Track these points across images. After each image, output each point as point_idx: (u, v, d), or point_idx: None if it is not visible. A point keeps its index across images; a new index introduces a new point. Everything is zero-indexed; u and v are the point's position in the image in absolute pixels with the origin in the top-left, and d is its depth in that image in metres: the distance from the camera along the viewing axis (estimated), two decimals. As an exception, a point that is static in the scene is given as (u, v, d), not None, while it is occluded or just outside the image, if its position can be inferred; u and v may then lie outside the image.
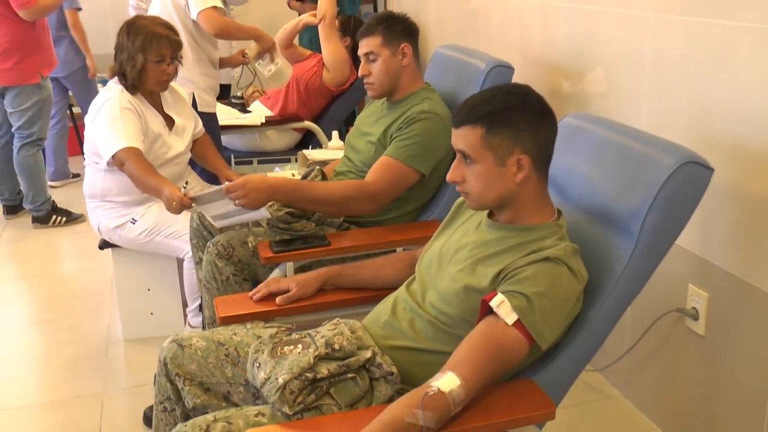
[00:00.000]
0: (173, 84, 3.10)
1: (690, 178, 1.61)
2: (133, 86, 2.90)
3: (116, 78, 2.92)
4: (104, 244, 3.16)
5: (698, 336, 2.25)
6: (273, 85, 4.07)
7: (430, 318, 1.70)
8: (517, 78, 2.67)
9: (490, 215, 1.74)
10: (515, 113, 1.63)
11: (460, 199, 1.86)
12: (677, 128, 2.23)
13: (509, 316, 1.50)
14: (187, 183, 2.95)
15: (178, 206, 2.53)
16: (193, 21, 3.46)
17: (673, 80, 2.25)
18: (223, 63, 3.83)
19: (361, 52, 2.57)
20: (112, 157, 2.79)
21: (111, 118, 2.81)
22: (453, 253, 1.73)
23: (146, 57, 2.85)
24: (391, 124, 2.51)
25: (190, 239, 2.76)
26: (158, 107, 3.00)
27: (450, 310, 1.66)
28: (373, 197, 2.42)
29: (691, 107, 2.18)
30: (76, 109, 5.91)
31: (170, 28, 2.96)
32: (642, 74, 2.38)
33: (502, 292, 1.53)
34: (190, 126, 3.12)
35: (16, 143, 4.52)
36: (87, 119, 2.97)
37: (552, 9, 2.86)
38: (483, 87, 2.58)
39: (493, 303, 1.51)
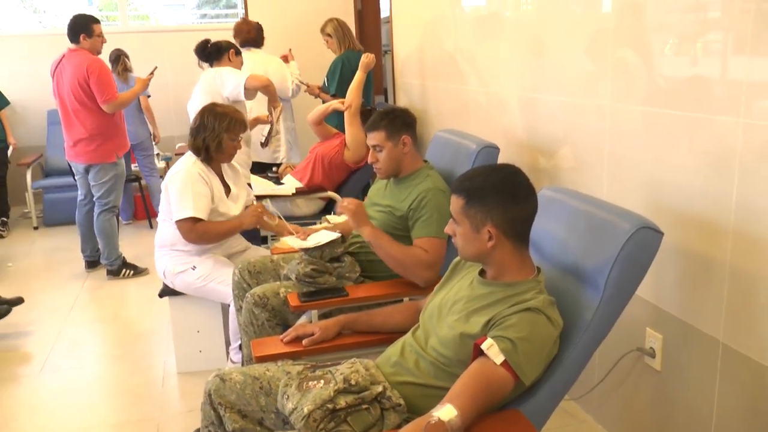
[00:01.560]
0: None
1: (644, 240, 1.60)
2: (209, 158, 2.94)
3: (190, 150, 2.97)
4: (163, 293, 3.14)
5: (655, 371, 2.20)
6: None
7: (431, 359, 1.68)
8: (501, 156, 2.68)
9: (481, 273, 1.73)
10: (490, 192, 1.63)
11: (457, 258, 1.85)
12: (633, 198, 2.22)
13: (497, 357, 1.48)
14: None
15: (259, 215, 2.94)
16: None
17: (628, 158, 2.25)
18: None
19: (368, 143, 2.57)
20: (180, 221, 2.84)
21: (184, 185, 2.86)
22: (450, 305, 1.72)
23: (228, 136, 2.92)
24: (404, 199, 2.49)
25: (233, 290, 2.75)
26: (220, 176, 3.02)
27: (448, 353, 1.64)
28: (429, 266, 2.37)
29: (644, 181, 2.18)
30: (143, 181, 5.96)
31: (241, 113, 3.05)
32: (602, 153, 2.38)
33: (491, 337, 1.51)
34: (243, 195, 3.13)
35: (96, 210, 4.56)
36: (164, 182, 3.00)
37: (529, 99, 2.89)
38: (474, 164, 2.59)
39: (483, 346, 1.49)
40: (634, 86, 2.19)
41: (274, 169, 4.56)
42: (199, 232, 2.86)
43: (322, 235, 2.54)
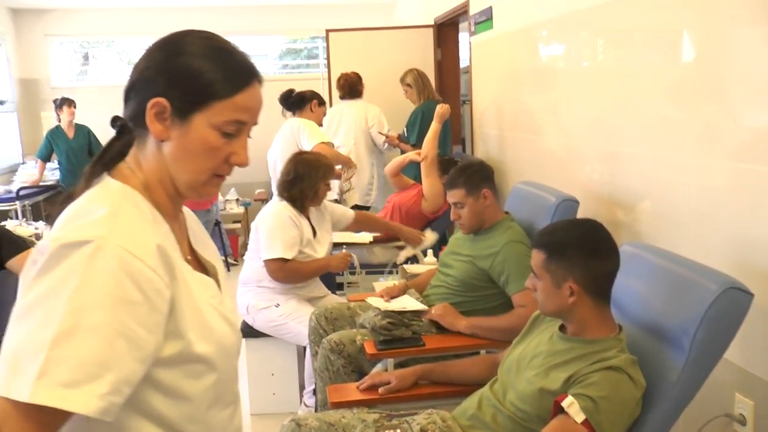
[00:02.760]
0: None
1: (733, 301, 1.57)
2: (302, 204, 3.08)
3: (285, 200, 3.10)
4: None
5: (746, 439, 2.11)
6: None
7: (509, 414, 1.68)
8: (580, 210, 2.67)
9: (561, 328, 1.73)
10: (571, 248, 1.64)
11: (537, 312, 1.86)
12: (718, 256, 2.17)
13: (578, 416, 1.48)
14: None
15: (346, 263, 3.09)
16: None
17: (712, 215, 2.21)
18: None
19: (449, 200, 2.62)
20: (269, 260, 2.97)
21: (275, 227, 3.00)
22: (530, 359, 1.72)
23: (323, 183, 3.08)
24: (485, 251, 2.51)
25: (309, 335, 2.81)
26: (308, 218, 3.14)
27: (526, 408, 1.64)
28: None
29: (730, 238, 2.13)
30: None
31: (328, 158, 3.25)
32: (685, 209, 2.34)
33: (572, 395, 1.50)
34: (328, 238, 3.24)
35: None
36: (254, 223, 3.15)
37: (607, 152, 2.88)
38: (554, 217, 2.59)
39: (564, 403, 1.49)
40: (718, 140, 2.16)
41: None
42: (287, 271, 2.99)
43: (406, 302, 2.57)
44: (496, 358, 2.02)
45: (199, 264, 1.10)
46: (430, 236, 3.75)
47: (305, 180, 3.06)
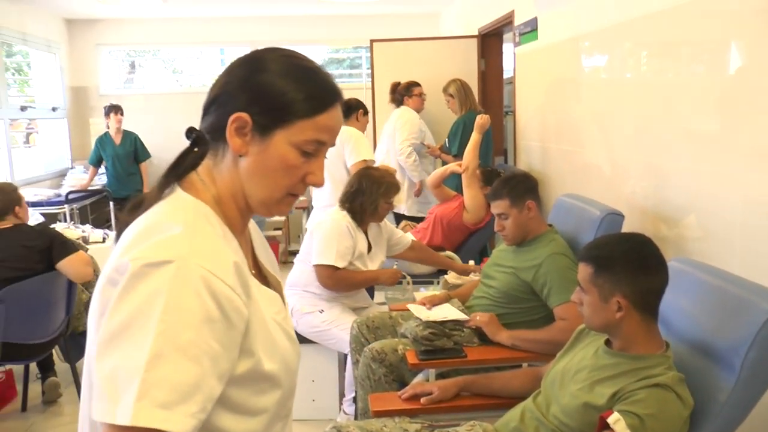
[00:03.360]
0: None
1: (787, 321, 1.54)
2: (361, 218, 3.12)
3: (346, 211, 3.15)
4: (282, 341, 3.26)
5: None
6: None
7: (553, 427, 1.68)
8: (624, 224, 2.65)
9: (607, 342, 1.72)
10: (619, 262, 1.63)
11: (581, 326, 1.85)
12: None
13: (624, 433, 1.46)
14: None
15: (396, 279, 3.12)
16: None
17: (764, 231, 2.16)
18: None
19: (493, 212, 2.63)
20: (320, 266, 3.01)
21: (330, 235, 3.05)
22: (574, 373, 1.71)
23: (384, 200, 3.12)
24: (528, 263, 2.50)
25: (350, 343, 2.83)
26: (365, 233, 3.18)
27: (570, 422, 1.63)
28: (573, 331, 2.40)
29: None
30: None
31: (394, 177, 3.29)
32: (734, 224, 2.30)
33: (618, 411, 1.49)
34: (381, 257, 3.27)
35: None
36: (310, 228, 3.20)
37: (652, 165, 2.84)
38: (598, 231, 2.57)
39: (610, 420, 1.48)
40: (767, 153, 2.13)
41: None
42: (336, 279, 3.03)
43: (448, 311, 2.58)
44: (539, 371, 2.02)
45: (263, 277, 1.10)
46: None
47: (366, 194, 3.10)
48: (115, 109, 6.27)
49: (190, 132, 1.04)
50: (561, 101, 4.01)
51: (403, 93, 5.01)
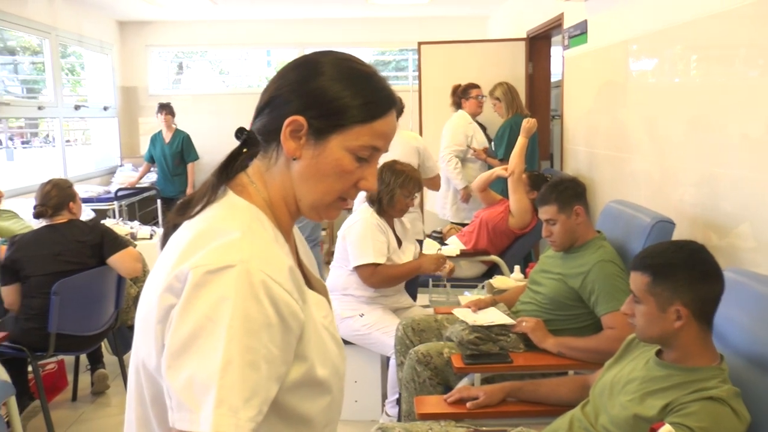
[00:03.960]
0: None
1: None
2: (382, 210, 3.13)
3: (366, 202, 3.18)
4: (326, 342, 3.29)
5: None
6: None
7: (601, 437, 1.66)
8: (675, 232, 2.60)
9: (658, 353, 1.70)
10: (679, 270, 1.60)
11: (631, 335, 1.83)
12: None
13: (676, 445, 1.44)
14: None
15: (439, 263, 3.12)
16: None
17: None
18: None
19: (541, 217, 2.61)
20: (360, 266, 3.02)
21: (363, 234, 3.07)
22: (624, 384, 1.69)
23: (401, 191, 3.11)
24: (576, 270, 2.48)
25: (395, 345, 2.85)
26: (392, 229, 3.20)
27: (620, 433, 1.61)
28: (621, 340, 2.34)
29: None
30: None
31: (417, 172, 3.27)
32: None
33: (670, 423, 1.47)
34: (411, 249, 3.28)
35: None
36: (341, 232, 3.22)
37: (703, 172, 2.79)
38: (648, 239, 2.53)
39: (661, 431, 1.46)
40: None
41: (439, 229, 4.70)
42: (381, 275, 3.05)
43: (494, 315, 2.57)
44: (586, 380, 2.00)
45: (307, 280, 1.09)
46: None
47: (383, 183, 3.12)
48: (162, 108, 6.40)
49: (240, 132, 1.04)
50: (610, 105, 3.96)
51: (460, 95, 4.99)
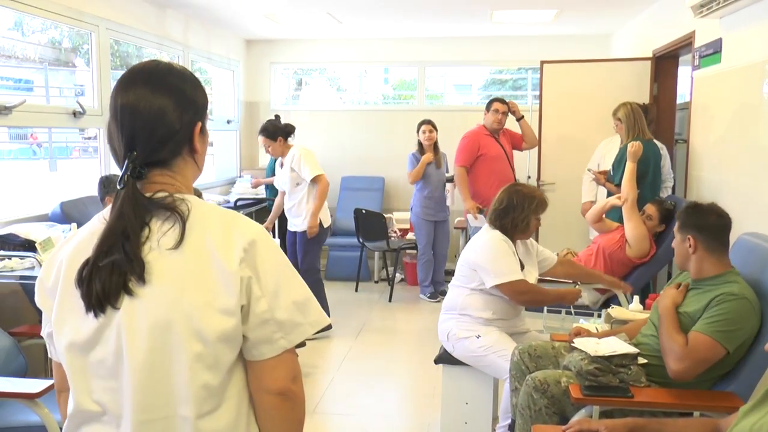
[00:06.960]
0: None
1: None
2: (512, 236, 3.16)
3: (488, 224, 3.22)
4: (439, 359, 3.31)
5: None
6: None
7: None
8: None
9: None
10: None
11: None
12: None
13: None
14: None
15: (577, 297, 3.22)
16: None
17: None
18: None
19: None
20: (503, 285, 3.04)
21: (501, 253, 3.11)
22: None
23: (535, 216, 3.17)
24: (700, 304, 2.40)
25: (510, 370, 2.83)
26: (516, 251, 3.20)
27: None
28: (681, 359, 2.30)
29: None
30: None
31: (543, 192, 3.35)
32: None
33: None
34: (535, 274, 3.26)
35: None
36: (465, 252, 3.24)
37: None
38: (787, 275, 2.40)
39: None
40: None
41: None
42: (533, 294, 3.11)
43: (616, 344, 2.50)
44: (717, 424, 1.91)
45: None
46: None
47: (518, 210, 3.13)
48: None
49: None
50: (744, 130, 3.78)
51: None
